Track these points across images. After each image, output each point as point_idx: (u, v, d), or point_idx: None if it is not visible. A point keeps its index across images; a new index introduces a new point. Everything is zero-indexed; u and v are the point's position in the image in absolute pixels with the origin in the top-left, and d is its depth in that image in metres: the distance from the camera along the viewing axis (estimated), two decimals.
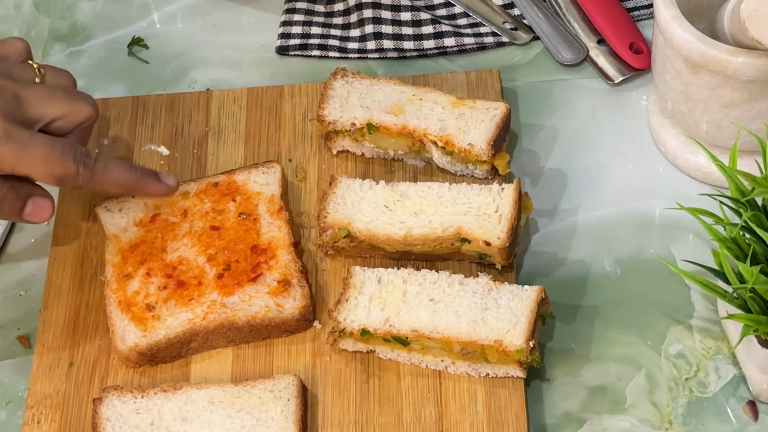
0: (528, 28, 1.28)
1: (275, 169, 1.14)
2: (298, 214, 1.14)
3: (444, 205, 1.07)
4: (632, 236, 1.12)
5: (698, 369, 1.04)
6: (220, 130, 1.20)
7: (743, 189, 0.98)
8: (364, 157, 1.17)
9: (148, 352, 1.04)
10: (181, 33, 1.32)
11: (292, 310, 1.05)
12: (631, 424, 1.02)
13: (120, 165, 1.05)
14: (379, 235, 1.07)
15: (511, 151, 1.18)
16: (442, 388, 1.02)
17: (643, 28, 1.26)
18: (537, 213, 1.13)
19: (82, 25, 1.33)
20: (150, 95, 1.24)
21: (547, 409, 1.03)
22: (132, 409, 1.01)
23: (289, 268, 1.07)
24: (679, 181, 1.15)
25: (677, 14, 1.06)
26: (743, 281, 0.94)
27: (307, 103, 1.21)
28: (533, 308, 1.01)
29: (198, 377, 1.05)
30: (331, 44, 1.29)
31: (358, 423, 1.01)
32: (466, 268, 1.09)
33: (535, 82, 1.24)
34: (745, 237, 0.98)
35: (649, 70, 1.21)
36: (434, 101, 1.14)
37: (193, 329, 1.04)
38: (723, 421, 1.01)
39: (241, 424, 1.00)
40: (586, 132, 1.20)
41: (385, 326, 1.02)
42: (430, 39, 1.28)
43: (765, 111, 1.06)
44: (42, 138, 1.01)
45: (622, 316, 1.07)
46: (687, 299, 1.08)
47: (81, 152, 1.02)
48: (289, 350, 1.06)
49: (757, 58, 1.02)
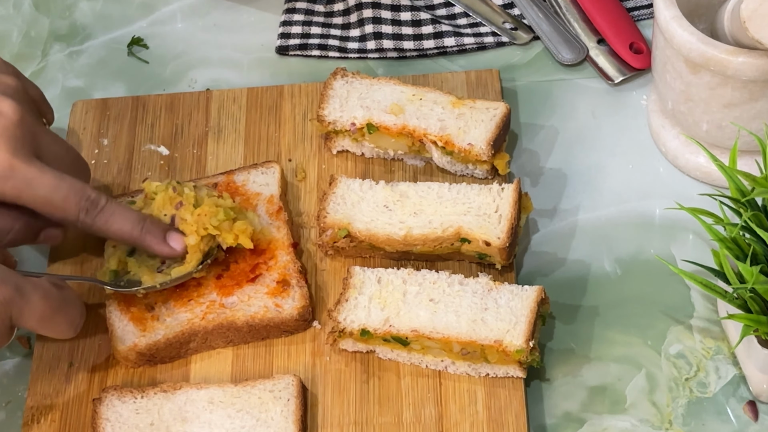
0: (528, 28, 1.28)
1: (274, 169, 1.14)
2: (298, 214, 1.14)
3: (444, 205, 1.07)
4: (632, 236, 1.12)
5: (698, 369, 1.04)
6: (219, 130, 1.20)
7: (743, 189, 0.98)
8: (364, 157, 1.17)
9: (147, 352, 1.04)
10: (181, 33, 1.32)
11: (291, 311, 1.05)
12: (631, 424, 1.02)
13: (126, 218, 1.03)
14: (379, 235, 1.07)
15: (511, 151, 1.18)
16: (442, 388, 1.02)
17: (643, 28, 1.26)
18: (537, 213, 1.13)
19: (81, 25, 1.33)
20: (150, 95, 1.24)
21: (547, 409, 1.03)
22: (132, 409, 1.01)
23: (288, 268, 1.07)
24: (679, 181, 1.15)
25: (677, 14, 1.06)
26: (743, 281, 0.94)
27: (307, 103, 1.21)
28: (533, 308, 1.01)
29: (198, 377, 1.05)
30: (331, 44, 1.29)
31: (358, 423, 1.01)
32: (466, 268, 1.09)
33: (535, 82, 1.24)
34: (745, 237, 0.98)
35: (649, 70, 1.21)
36: (434, 101, 1.14)
37: (192, 329, 1.04)
38: (723, 421, 1.01)
39: (240, 425, 1.00)
40: (586, 132, 1.20)
41: (385, 326, 1.02)
42: (430, 39, 1.28)
43: (765, 111, 1.06)
44: (47, 178, 1.00)
45: (622, 316, 1.07)
46: (687, 299, 1.08)
47: (87, 199, 1.02)
48: (288, 350, 1.06)
49: (757, 58, 1.02)
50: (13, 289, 0.93)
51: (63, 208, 1.01)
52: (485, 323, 1.01)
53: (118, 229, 1.03)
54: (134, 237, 1.04)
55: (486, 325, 1.00)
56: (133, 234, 1.04)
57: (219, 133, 1.20)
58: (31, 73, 1.29)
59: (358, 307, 1.03)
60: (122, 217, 1.03)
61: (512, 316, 1.01)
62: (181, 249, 1.05)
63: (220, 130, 1.20)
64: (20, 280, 0.94)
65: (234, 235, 1.06)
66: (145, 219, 1.04)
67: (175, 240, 1.05)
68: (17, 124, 1.00)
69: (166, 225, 1.06)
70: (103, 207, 1.02)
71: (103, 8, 1.35)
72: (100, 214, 1.02)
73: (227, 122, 1.21)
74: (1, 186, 0.99)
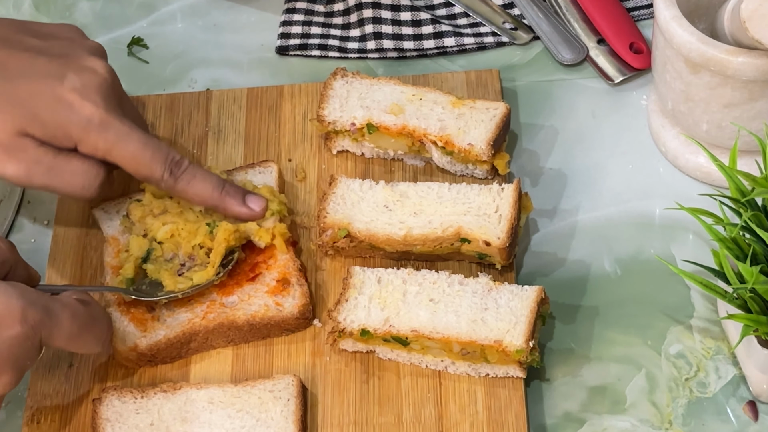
0: (528, 28, 1.28)
1: (272, 168, 1.14)
2: (298, 214, 1.14)
3: (444, 205, 1.07)
4: (632, 236, 1.12)
5: (698, 369, 1.04)
6: (219, 130, 1.20)
7: (743, 189, 0.98)
8: (364, 157, 1.17)
9: (148, 352, 1.04)
10: (181, 33, 1.32)
11: (292, 309, 1.05)
12: (631, 424, 1.02)
13: (207, 180, 1.05)
14: (379, 235, 1.07)
15: (511, 151, 1.18)
16: (442, 388, 1.02)
17: (643, 28, 1.26)
18: (537, 213, 1.13)
19: (81, 25, 1.33)
20: (150, 95, 1.24)
21: (547, 409, 1.03)
22: (132, 409, 1.01)
23: (287, 267, 1.07)
24: (679, 181, 1.15)
25: (677, 14, 1.06)
26: (743, 281, 0.94)
27: (307, 103, 1.21)
28: (533, 308, 1.01)
29: (198, 377, 1.05)
30: (331, 44, 1.29)
31: (358, 423, 1.01)
32: (466, 268, 1.09)
33: (535, 82, 1.24)
34: (745, 237, 0.98)
35: (649, 70, 1.21)
36: (434, 101, 1.14)
37: (193, 329, 1.04)
38: (723, 421, 1.01)
39: (240, 425, 1.00)
40: (586, 132, 1.20)
41: (385, 326, 1.02)
42: (430, 39, 1.28)
43: (765, 111, 1.06)
44: (137, 135, 1.02)
45: (622, 316, 1.07)
46: (687, 299, 1.08)
47: (172, 159, 1.04)
48: (288, 350, 1.06)
49: (757, 58, 1.02)
50: (42, 311, 0.92)
51: (150, 166, 1.03)
52: (485, 323, 1.01)
53: (200, 189, 1.05)
54: (214, 198, 1.05)
55: (486, 325, 1.00)
56: (214, 195, 1.05)
57: (219, 133, 1.20)
58: None
59: (358, 307, 1.03)
60: (204, 179, 1.05)
61: (512, 316, 1.01)
62: (260, 210, 1.07)
63: (220, 130, 1.20)
64: (48, 301, 0.93)
65: (271, 234, 1.06)
66: (224, 182, 1.06)
67: (255, 202, 1.07)
68: (110, 83, 1.03)
69: (244, 189, 1.07)
70: (186, 168, 1.04)
71: (103, 8, 1.35)
72: (184, 174, 1.04)
73: (227, 122, 1.21)
74: (95, 139, 1.01)
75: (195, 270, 1.05)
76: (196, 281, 1.05)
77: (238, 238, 1.06)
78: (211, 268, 1.05)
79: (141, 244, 1.06)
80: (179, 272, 1.06)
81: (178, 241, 1.06)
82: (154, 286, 1.05)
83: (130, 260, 1.06)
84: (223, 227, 1.05)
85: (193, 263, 1.06)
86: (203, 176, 1.06)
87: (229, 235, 1.05)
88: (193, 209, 1.08)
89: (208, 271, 1.05)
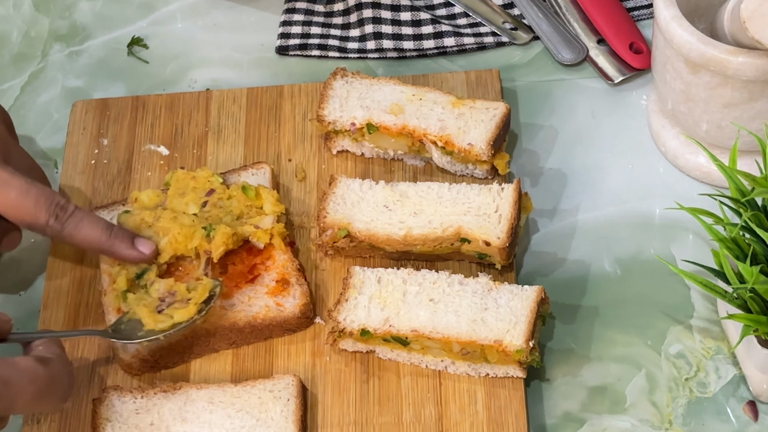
0: (528, 28, 1.28)
1: (265, 169, 1.14)
2: (297, 214, 1.14)
3: (444, 205, 1.07)
4: (632, 236, 1.12)
5: (698, 369, 1.04)
6: (219, 130, 1.20)
7: (743, 189, 0.98)
8: (364, 157, 1.17)
9: (151, 358, 1.04)
10: (181, 33, 1.32)
11: (293, 309, 1.05)
12: (631, 424, 1.02)
13: (95, 225, 1.03)
14: (379, 235, 1.07)
15: (511, 151, 1.18)
16: (442, 388, 1.02)
17: (643, 28, 1.26)
18: (537, 213, 1.13)
19: (81, 24, 1.33)
20: (150, 95, 1.24)
21: (547, 409, 1.03)
22: (132, 409, 1.01)
23: (286, 267, 1.07)
24: (679, 181, 1.15)
25: (677, 14, 1.06)
26: (743, 281, 0.94)
27: (307, 103, 1.21)
28: (533, 308, 1.01)
29: (198, 377, 1.05)
30: (331, 44, 1.29)
31: (357, 423, 1.01)
32: (466, 268, 1.09)
33: (535, 82, 1.24)
34: (745, 237, 0.98)
35: (649, 70, 1.21)
36: (434, 101, 1.14)
37: (195, 333, 1.04)
38: (723, 421, 1.01)
39: (240, 424, 1.00)
40: (585, 132, 1.20)
41: (385, 326, 1.02)
42: (430, 39, 1.28)
43: (765, 111, 1.06)
44: (17, 181, 1.00)
45: (622, 316, 1.07)
46: (687, 299, 1.08)
47: (56, 204, 1.01)
48: (288, 350, 1.06)
49: (757, 58, 1.02)
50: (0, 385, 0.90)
51: (33, 213, 1.00)
52: (485, 323, 1.01)
53: (88, 234, 1.03)
54: (103, 242, 1.03)
55: (486, 325, 1.00)
56: (102, 239, 1.03)
57: (219, 133, 1.20)
58: (30, 73, 1.29)
59: (358, 307, 1.03)
60: (92, 223, 1.03)
61: (512, 316, 1.01)
62: (150, 253, 1.04)
63: (220, 130, 1.20)
64: (6, 370, 0.91)
65: (269, 234, 1.06)
66: (112, 226, 1.04)
67: (144, 245, 1.05)
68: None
69: (133, 232, 1.05)
70: (73, 212, 1.02)
71: (103, 8, 1.35)
72: (70, 219, 1.02)
73: (227, 122, 1.21)
74: None
75: (175, 307, 1.02)
76: (177, 319, 1.01)
77: (236, 241, 1.06)
78: (192, 306, 1.02)
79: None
80: (158, 308, 1.03)
81: (176, 246, 1.06)
82: (133, 325, 1.02)
83: (122, 274, 1.05)
84: (221, 230, 1.05)
85: (173, 299, 1.03)
86: (91, 221, 1.03)
87: (227, 238, 1.05)
88: (186, 213, 1.07)
89: (190, 308, 1.02)
